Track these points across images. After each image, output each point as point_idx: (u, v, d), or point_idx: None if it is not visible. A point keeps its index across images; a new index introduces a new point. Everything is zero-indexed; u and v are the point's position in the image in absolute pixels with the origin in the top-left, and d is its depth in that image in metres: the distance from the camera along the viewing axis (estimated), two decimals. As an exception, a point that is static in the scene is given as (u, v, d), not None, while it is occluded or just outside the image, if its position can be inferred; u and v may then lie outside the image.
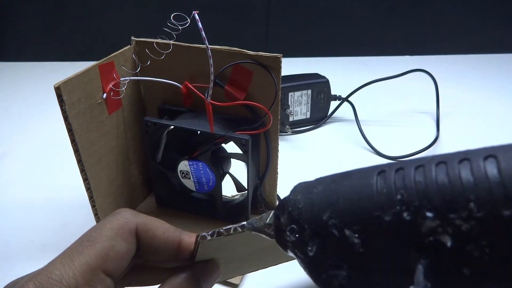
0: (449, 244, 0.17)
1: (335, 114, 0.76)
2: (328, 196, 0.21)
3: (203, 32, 0.37)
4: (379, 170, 0.20)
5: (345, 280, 0.21)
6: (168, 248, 0.28)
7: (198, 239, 0.27)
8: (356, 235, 0.20)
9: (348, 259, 0.20)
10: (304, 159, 0.65)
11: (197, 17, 0.36)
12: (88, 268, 0.24)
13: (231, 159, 0.49)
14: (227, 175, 0.49)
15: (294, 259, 0.36)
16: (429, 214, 0.18)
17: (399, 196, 0.18)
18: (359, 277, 0.20)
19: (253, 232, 0.26)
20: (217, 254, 0.30)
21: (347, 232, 0.20)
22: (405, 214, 0.18)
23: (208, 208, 0.50)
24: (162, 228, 0.28)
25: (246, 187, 0.47)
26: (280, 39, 1.08)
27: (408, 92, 0.84)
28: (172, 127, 0.46)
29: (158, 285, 0.28)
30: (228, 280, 0.42)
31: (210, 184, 0.47)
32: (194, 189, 0.49)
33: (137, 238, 0.27)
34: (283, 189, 0.51)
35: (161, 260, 0.29)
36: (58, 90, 0.36)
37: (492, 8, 1.06)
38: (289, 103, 0.71)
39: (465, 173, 0.17)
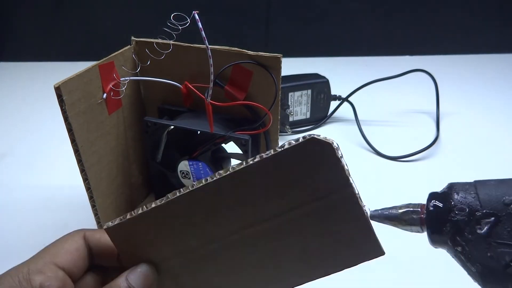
0: None
1: (335, 114, 0.76)
2: (507, 182, 0.24)
3: (203, 32, 0.37)
4: None
5: None
6: (113, 251, 0.29)
7: (104, 227, 0.28)
8: None
9: None
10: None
11: (197, 17, 0.36)
12: (40, 260, 0.27)
13: (231, 159, 0.49)
14: (227, 175, 0.49)
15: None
16: None
17: None
18: None
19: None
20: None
21: None
22: None
23: (208, 208, 0.50)
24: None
25: (246, 187, 0.47)
26: (280, 39, 1.08)
27: (408, 92, 0.84)
28: (172, 127, 0.46)
29: None
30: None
31: (210, 184, 0.47)
32: (194, 189, 0.49)
33: (86, 241, 0.29)
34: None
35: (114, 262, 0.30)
36: (58, 90, 0.36)
37: (492, 8, 1.06)
38: (289, 103, 0.71)
39: None
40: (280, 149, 0.23)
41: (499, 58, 1.05)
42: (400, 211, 0.26)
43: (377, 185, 0.58)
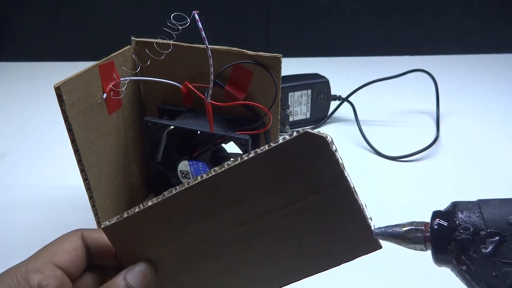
0: None
1: (335, 114, 0.76)
2: (511, 202, 0.24)
3: (203, 32, 0.37)
4: None
5: None
6: (111, 250, 0.29)
7: (101, 226, 0.28)
8: None
9: None
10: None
11: (197, 17, 0.36)
12: (38, 259, 0.27)
13: (231, 159, 0.49)
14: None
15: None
16: None
17: None
18: None
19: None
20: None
21: None
22: None
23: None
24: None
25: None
26: (280, 39, 1.08)
27: (408, 92, 0.84)
28: (172, 127, 0.46)
29: None
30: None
31: (210, 184, 0.47)
32: (194, 189, 0.49)
33: (84, 241, 0.30)
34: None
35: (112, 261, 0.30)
36: (58, 90, 0.36)
37: (492, 8, 1.06)
38: (289, 103, 0.71)
39: None
40: (274, 144, 0.23)
41: (499, 58, 1.05)
42: (404, 229, 0.26)
43: (377, 185, 0.58)
